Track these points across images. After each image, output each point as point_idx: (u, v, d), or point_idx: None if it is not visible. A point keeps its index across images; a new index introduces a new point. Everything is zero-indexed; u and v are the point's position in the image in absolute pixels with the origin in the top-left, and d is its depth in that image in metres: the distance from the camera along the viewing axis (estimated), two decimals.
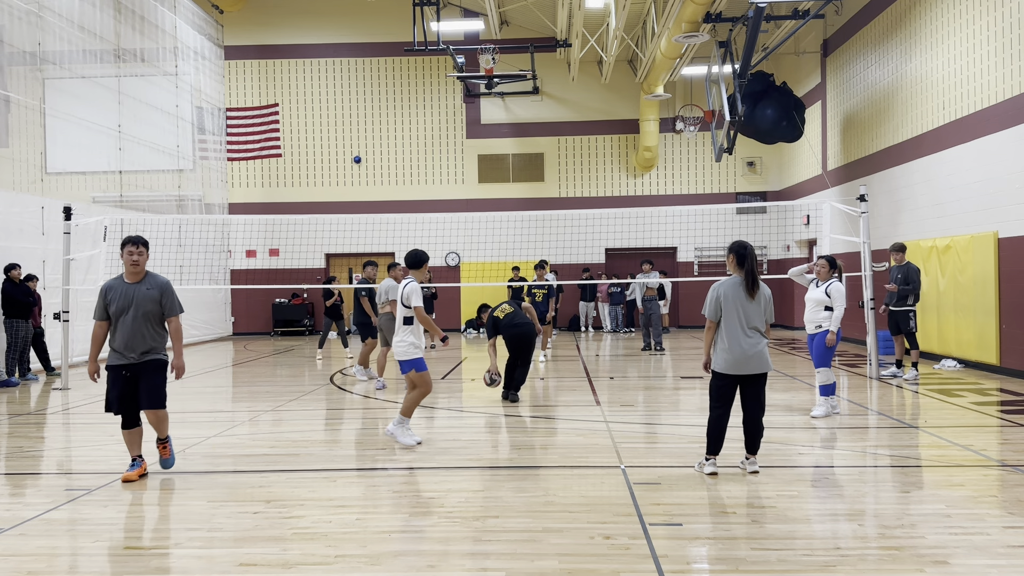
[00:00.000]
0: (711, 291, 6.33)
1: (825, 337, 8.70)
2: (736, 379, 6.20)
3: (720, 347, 6.21)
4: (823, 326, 8.75)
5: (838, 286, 8.77)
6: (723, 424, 6.26)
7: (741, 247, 6.30)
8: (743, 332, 6.15)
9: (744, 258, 6.25)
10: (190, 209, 19.91)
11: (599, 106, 23.25)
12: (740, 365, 6.14)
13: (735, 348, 6.12)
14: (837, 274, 8.92)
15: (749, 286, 6.20)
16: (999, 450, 7.13)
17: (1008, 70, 11.76)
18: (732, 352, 6.12)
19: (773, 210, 22.62)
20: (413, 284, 7.41)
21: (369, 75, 23.37)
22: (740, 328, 6.14)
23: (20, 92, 14.31)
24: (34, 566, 4.49)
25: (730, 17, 16.69)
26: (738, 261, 6.28)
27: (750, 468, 6.28)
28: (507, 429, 8.50)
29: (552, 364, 14.43)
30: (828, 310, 8.73)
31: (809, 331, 8.92)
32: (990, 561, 4.35)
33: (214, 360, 16.53)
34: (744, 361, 6.13)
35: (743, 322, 6.16)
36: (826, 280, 8.85)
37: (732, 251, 6.34)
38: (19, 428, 8.89)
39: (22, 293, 12.79)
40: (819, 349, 8.78)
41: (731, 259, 6.34)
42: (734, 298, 6.20)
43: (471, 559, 4.51)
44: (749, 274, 6.23)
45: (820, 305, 8.77)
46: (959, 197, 13.14)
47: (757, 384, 6.25)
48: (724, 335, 6.18)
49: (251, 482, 6.28)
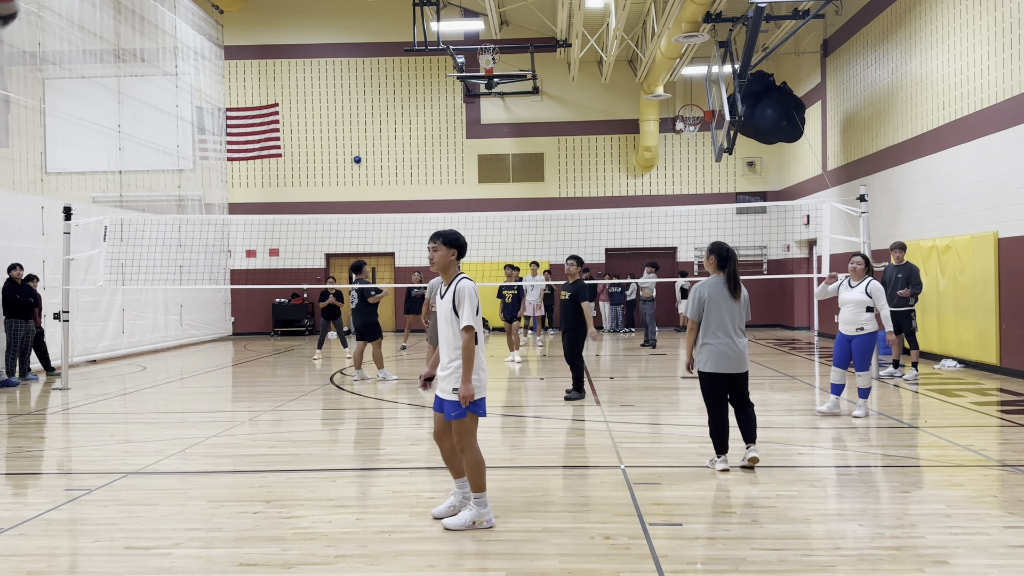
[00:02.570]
0: (692, 291, 6.37)
1: (868, 339, 8.49)
2: (724, 377, 6.24)
3: (706, 347, 6.25)
4: (865, 328, 8.51)
5: (877, 285, 8.51)
6: (724, 423, 6.31)
7: (723, 249, 6.32)
8: (729, 332, 6.21)
9: (726, 260, 6.29)
10: (190, 209, 19.91)
11: (599, 106, 23.25)
12: (727, 364, 6.20)
13: (722, 347, 6.18)
14: (871, 273, 8.69)
15: (732, 288, 6.23)
16: (999, 450, 7.13)
17: (1008, 70, 11.76)
18: (719, 351, 6.17)
19: (773, 210, 22.63)
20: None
21: (369, 75, 23.37)
22: (725, 328, 6.20)
23: (20, 92, 14.31)
24: (34, 566, 4.49)
25: (730, 17, 16.69)
26: (719, 263, 6.32)
27: (750, 454, 6.32)
28: (507, 429, 8.50)
29: (552, 364, 14.43)
30: (869, 311, 8.48)
31: (847, 332, 8.61)
32: (990, 561, 4.35)
33: (214, 360, 16.53)
34: (730, 360, 6.20)
35: (728, 322, 6.20)
36: (861, 279, 8.57)
37: (713, 252, 6.35)
38: (19, 428, 8.89)
39: (23, 293, 12.78)
40: (862, 352, 8.51)
41: (712, 260, 6.36)
42: (717, 298, 6.23)
43: (471, 559, 4.51)
44: (731, 276, 6.25)
45: (861, 306, 8.48)
46: (959, 197, 13.14)
47: (741, 382, 6.34)
48: (710, 335, 6.22)
49: (251, 482, 6.28)
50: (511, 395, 11.11)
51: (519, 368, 13.98)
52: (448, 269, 5.06)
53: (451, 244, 5.04)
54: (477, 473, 5.00)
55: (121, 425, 9.14)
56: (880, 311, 8.50)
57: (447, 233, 5.06)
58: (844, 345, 8.73)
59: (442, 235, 5.04)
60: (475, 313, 4.90)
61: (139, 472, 6.61)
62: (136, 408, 10.41)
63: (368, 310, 12.47)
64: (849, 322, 8.60)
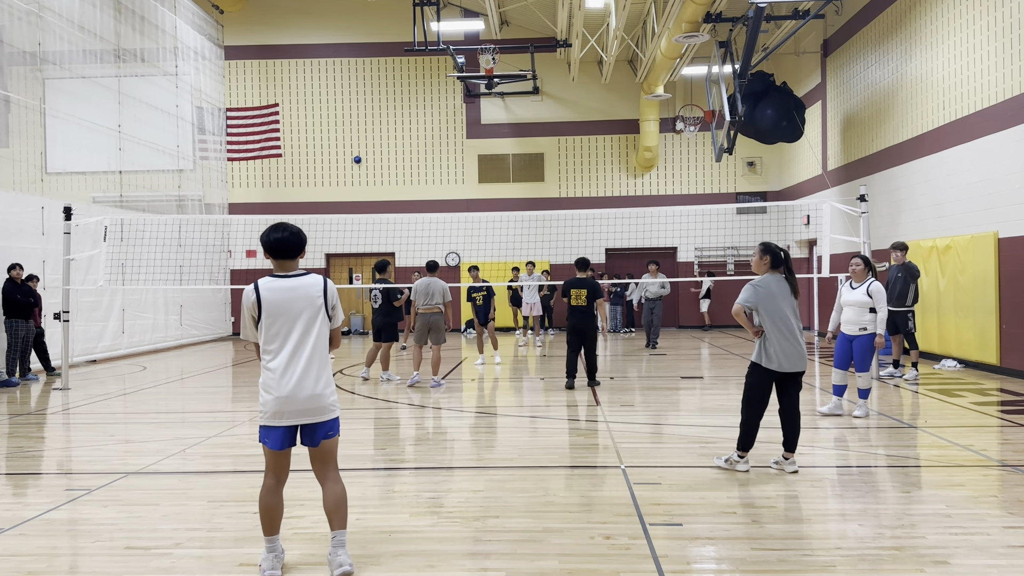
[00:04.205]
0: (751, 285, 6.27)
1: (869, 340, 8.56)
2: (776, 376, 6.22)
3: (768, 343, 6.19)
4: (868, 328, 8.57)
5: (878, 286, 8.56)
6: (757, 423, 6.28)
7: (776, 248, 6.32)
8: (794, 330, 6.19)
9: (779, 258, 6.28)
10: (190, 209, 19.91)
11: (599, 106, 23.25)
12: (789, 362, 6.16)
13: (786, 345, 6.15)
14: (872, 273, 8.74)
15: (793, 286, 6.24)
16: (999, 450, 7.13)
17: (1008, 70, 11.76)
18: (783, 348, 6.14)
19: (773, 210, 22.63)
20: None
21: (369, 75, 23.37)
22: (789, 326, 6.18)
23: (20, 92, 14.31)
24: (34, 566, 4.49)
25: (730, 17, 16.69)
26: (774, 262, 6.29)
27: (789, 468, 6.28)
28: (507, 429, 8.50)
29: (552, 364, 14.43)
30: (872, 312, 8.54)
31: (850, 333, 8.68)
32: (990, 561, 4.35)
33: (214, 360, 16.53)
34: (790, 358, 6.16)
35: (792, 320, 6.20)
36: (862, 280, 8.64)
37: (768, 252, 6.30)
38: (19, 428, 8.89)
39: (23, 293, 12.78)
40: (863, 352, 8.59)
41: (766, 260, 6.28)
42: (780, 294, 6.20)
43: (471, 559, 4.51)
44: (790, 273, 6.26)
45: (864, 307, 8.54)
46: (959, 197, 13.14)
47: (796, 382, 6.30)
48: (773, 331, 6.17)
49: (251, 482, 6.27)
50: (511, 395, 11.12)
51: (500, 369, 13.97)
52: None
53: (264, 247, 4.47)
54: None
55: (121, 425, 9.14)
56: (878, 312, 8.52)
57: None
58: (845, 346, 8.75)
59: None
60: (248, 323, 4.36)
61: (139, 472, 6.61)
62: (136, 408, 10.42)
63: (391, 311, 12.22)
64: (852, 322, 8.63)
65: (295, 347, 4.25)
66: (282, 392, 4.18)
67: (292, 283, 4.32)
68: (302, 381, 4.21)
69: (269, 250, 4.42)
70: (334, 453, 4.37)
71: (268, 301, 4.28)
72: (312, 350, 4.26)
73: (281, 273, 4.39)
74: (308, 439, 4.30)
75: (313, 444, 4.30)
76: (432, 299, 11.53)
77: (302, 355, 4.23)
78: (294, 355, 4.24)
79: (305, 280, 4.35)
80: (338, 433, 4.38)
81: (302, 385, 4.20)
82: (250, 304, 4.31)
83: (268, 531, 4.30)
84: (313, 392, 4.22)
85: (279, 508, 4.32)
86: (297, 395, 4.19)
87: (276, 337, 4.25)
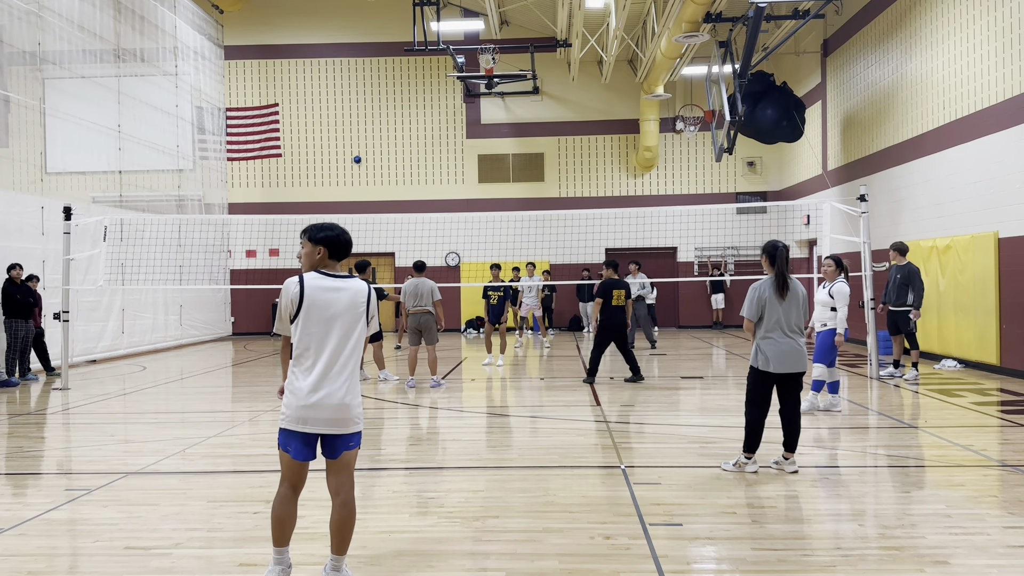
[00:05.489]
0: (751, 291, 6.35)
1: (828, 334, 8.95)
2: (774, 377, 6.23)
3: (761, 345, 6.23)
4: (828, 325, 9.01)
5: (841, 287, 8.97)
6: (763, 422, 6.29)
7: (772, 247, 6.34)
8: (783, 330, 6.19)
9: (774, 258, 6.28)
10: (190, 209, 19.90)
11: (599, 106, 23.25)
12: (780, 363, 6.16)
13: (775, 346, 6.17)
14: (843, 274, 9.14)
15: (779, 286, 6.22)
16: (999, 450, 7.13)
17: (1008, 70, 11.76)
18: (773, 349, 6.16)
19: (773, 210, 22.62)
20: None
21: (369, 75, 23.36)
22: (780, 327, 6.19)
23: (20, 92, 14.31)
24: (34, 566, 4.49)
25: (730, 17, 16.68)
26: (769, 261, 6.33)
27: (789, 468, 6.29)
28: (507, 429, 8.50)
29: (553, 364, 14.42)
30: (834, 310, 8.94)
31: (817, 329, 9.17)
32: (990, 561, 4.35)
33: (214, 360, 16.52)
34: (783, 359, 6.17)
35: (782, 321, 6.20)
36: (833, 280, 9.06)
37: (765, 252, 6.38)
38: (19, 428, 8.89)
39: (23, 293, 12.78)
40: (820, 346, 9.01)
41: (764, 260, 6.40)
42: (770, 297, 6.24)
43: (471, 559, 4.50)
44: (779, 275, 6.25)
45: (826, 307, 9.04)
46: (959, 197, 13.13)
47: (795, 382, 6.31)
48: (765, 334, 6.22)
49: (251, 482, 6.27)
50: (511, 395, 11.12)
51: (502, 369, 13.97)
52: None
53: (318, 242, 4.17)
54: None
55: (121, 425, 9.14)
56: (838, 312, 8.91)
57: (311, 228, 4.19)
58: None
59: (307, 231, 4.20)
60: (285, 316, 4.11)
61: (139, 472, 6.61)
62: (136, 408, 10.41)
63: None
64: (817, 319, 9.19)
65: (331, 352, 4.02)
66: (310, 399, 3.96)
67: (339, 283, 4.08)
68: (333, 388, 3.98)
69: (328, 245, 4.14)
70: (352, 467, 4.13)
71: (311, 298, 4.02)
72: (347, 357, 4.04)
73: (329, 272, 4.16)
74: (328, 450, 4.08)
75: (333, 456, 4.07)
76: (422, 299, 11.54)
77: (336, 361, 4.01)
78: (327, 360, 4.01)
79: (351, 283, 4.12)
80: (359, 446, 4.14)
81: (332, 393, 3.98)
82: (292, 296, 4.04)
83: (278, 541, 4.09)
84: (342, 401, 4.00)
85: (292, 518, 4.09)
86: (325, 403, 3.97)
87: (311, 337, 4.01)
